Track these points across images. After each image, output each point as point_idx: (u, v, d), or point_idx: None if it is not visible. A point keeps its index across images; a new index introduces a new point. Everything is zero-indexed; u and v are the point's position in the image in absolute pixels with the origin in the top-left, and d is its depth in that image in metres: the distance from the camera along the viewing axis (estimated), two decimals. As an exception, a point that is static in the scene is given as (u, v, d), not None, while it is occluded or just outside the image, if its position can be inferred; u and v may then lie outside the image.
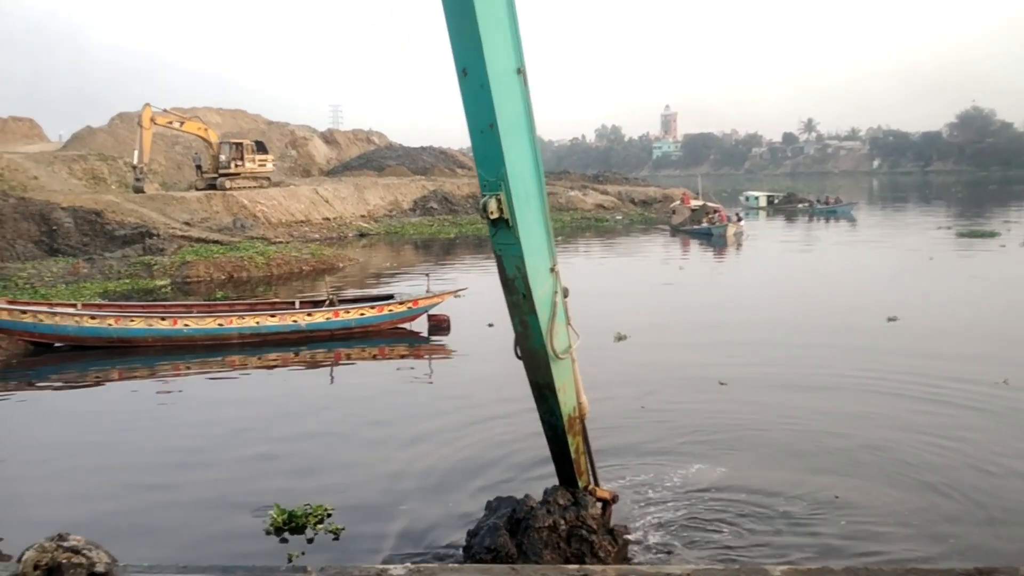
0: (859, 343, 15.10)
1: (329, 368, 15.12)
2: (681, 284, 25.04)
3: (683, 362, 14.23)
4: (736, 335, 16.18)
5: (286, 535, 7.47)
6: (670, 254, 35.25)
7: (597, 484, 6.79)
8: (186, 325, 16.30)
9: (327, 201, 47.08)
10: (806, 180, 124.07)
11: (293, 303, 18.08)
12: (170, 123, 44.52)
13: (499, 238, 5.64)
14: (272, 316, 16.79)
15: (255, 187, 44.28)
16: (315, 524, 7.58)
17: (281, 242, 35.01)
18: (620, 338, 15.76)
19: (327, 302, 17.56)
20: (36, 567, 3.95)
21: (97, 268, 26.69)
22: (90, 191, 42.61)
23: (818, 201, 60.17)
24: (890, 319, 16.83)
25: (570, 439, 6.20)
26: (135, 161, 42.79)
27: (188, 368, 15.04)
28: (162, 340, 16.17)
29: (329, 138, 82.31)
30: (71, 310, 16.80)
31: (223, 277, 26.45)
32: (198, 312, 17.08)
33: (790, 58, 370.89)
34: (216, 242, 32.45)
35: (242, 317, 16.68)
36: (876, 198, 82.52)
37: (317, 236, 40.32)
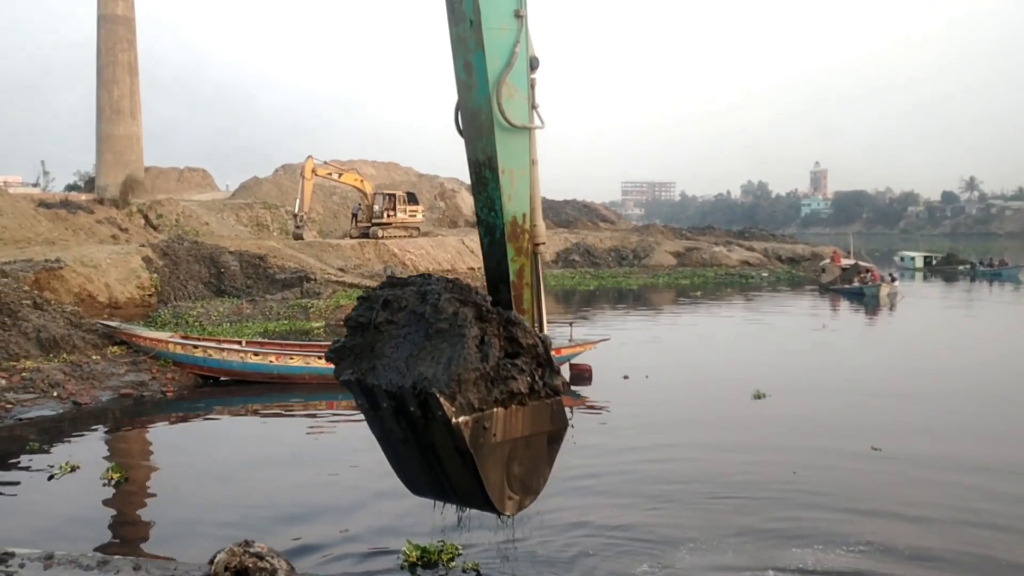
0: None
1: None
2: (827, 343, 24.33)
3: (829, 423, 13.84)
4: (889, 398, 15.61)
5: (419, 571, 7.65)
6: (818, 313, 34.24)
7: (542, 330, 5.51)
8: (340, 364, 17.10)
9: (472, 251, 48.37)
10: (967, 241, 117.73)
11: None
12: (329, 174, 47.03)
13: None
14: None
15: (405, 236, 46.04)
16: (448, 561, 7.73)
17: (428, 289, 36.13)
18: (759, 396, 15.49)
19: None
20: (227, 568, 4.39)
21: (259, 309, 28.34)
22: (254, 237, 45.44)
23: (981, 263, 56.97)
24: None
25: (511, 251, 4.87)
26: (296, 210, 45.38)
27: (340, 405, 15.80)
28: (318, 378, 17.03)
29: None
30: (236, 347, 17.97)
31: (373, 321, 27.48)
32: (351, 352, 17.89)
33: (948, 112, 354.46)
34: (368, 288, 33.84)
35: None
36: (1046, 261, 77.35)
37: (462, 285, 41.39)
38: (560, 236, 59.30)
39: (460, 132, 4.75)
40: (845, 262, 47.05)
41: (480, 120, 4.58)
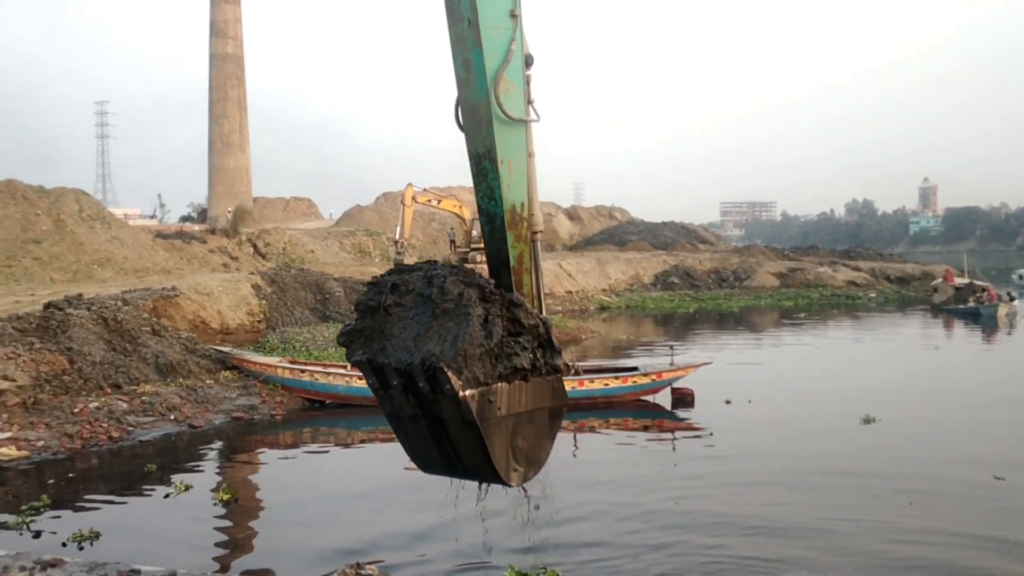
0: None
1: (573, 436, 15.49)
2: (941, 366, 23.33)
3: (946, 450, 13.25)
4: (1010, 425, 14.86)
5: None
6: (930, 334, 32.91)
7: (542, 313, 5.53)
8: (442, 389, 17.31)
9: (570, 275, 48.39)
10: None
11: (539, 372, 18.67)
12: (429, 201, 47.77)
13: None
14: (521, 383, 17.44)
15: (503, 261, 46.37)
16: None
17: (526, 313, 36.26)
18: (868, 421, 14.97)
19: (572, 371, 17.97)
20: (337, 588, 4.49)
21: (362, 334, 28.96)
22: (357, 263, 46.57)
23: (1109, 280, 53.88)
24: None
25: (511, 238, 4.99)
26: (397, 236, 46.18)
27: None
28: (420, 402, 17.26)
29: (573, 214, 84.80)
30: (342, 371, 18.40)
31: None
32: (454, 377, 18.09)
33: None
34: (466, 312, 34.23)
35: (493, 383, 17.46)
36: None
37: (560, 308, 41.43)
38: (658, 258, 58.78)
39: (460, 127, 4.96)
40: (959, 281, 45.11)
41: (479, 114, 4.80)
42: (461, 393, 4.06)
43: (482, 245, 38.80)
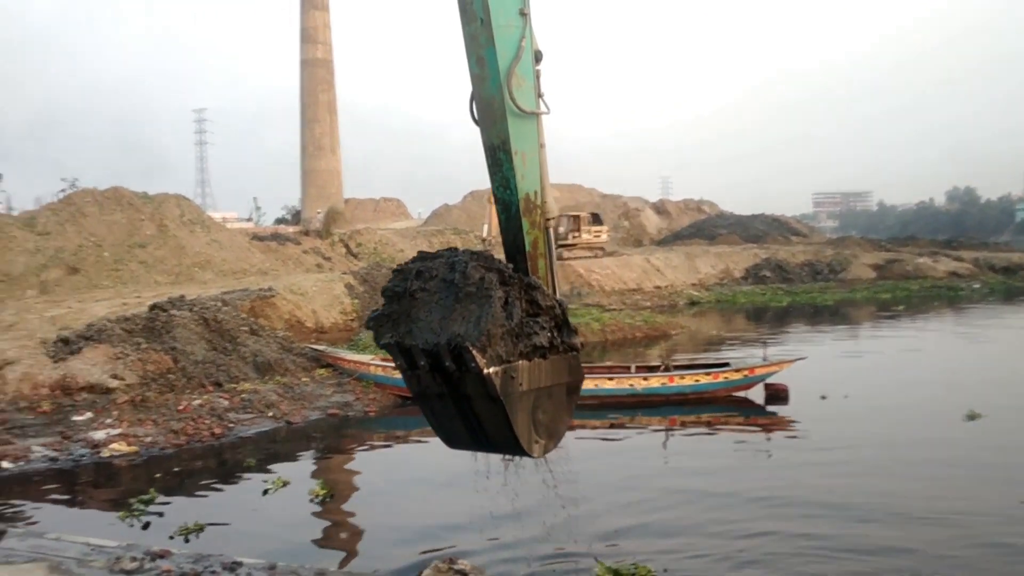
0: None
1: (664, 432, 15.35)
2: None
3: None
4: None
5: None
6: (1041, 327, 31.42)
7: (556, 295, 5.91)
8: (530, 385, 17.36)
9: (658, 270, 47.89)
10: None
11: (629, 367, 18.61)
12: (515, 198, 48.05)
13: None
14: (610, 379, 17.40)
15: (591, 257, 46.25)
16: (642, 582, 7.68)
17: (615, 309, 36.11)
18: (972, 417, 14.38)
19: (662, 367, 17.88)
20: (431, 583, 4.56)
21: (451, 331, 29.30)
22: (445, 262, 47.04)
23: None
24: None
25: (526, 224, 5.26)
26: (484, 234, 46.63)
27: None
28: (508, 398, 17.34)
29: (660, 208, 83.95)
30: (431, 368, 18.62)
31: (561, 342, 27.75)
32: (540, 373, 18.13)
33: None
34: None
35: (582, 379, 17.43)
36: None
37: (649, 304, 41.06)
38: (749, 252, 57.65)
39: (475, 120, 5.17)
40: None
41: (493, 108, 5.02)
42: (486, 370, 4.28)
43: (568, 241, 39.15)
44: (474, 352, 4.23)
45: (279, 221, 78.82)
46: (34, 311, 22.91)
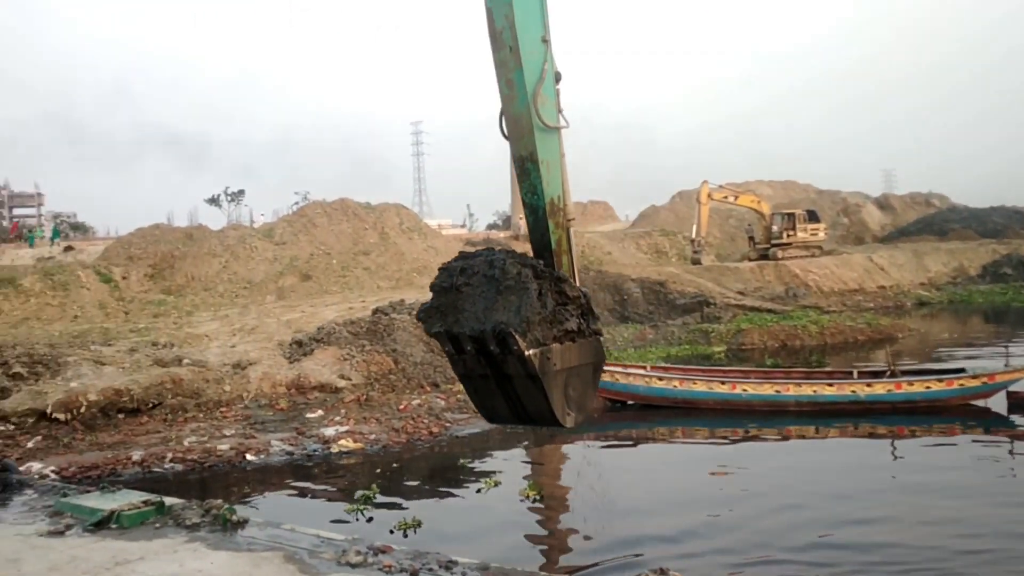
0: None
1: (890, 443, 14.40)
2: None
3: None
4: None
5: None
6: None
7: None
8: (744, 390, 16.86)
9: (882, 269, 45.03)
10: None
11: (851, 373, 17.61)
12: (725, 198, 46.78)
13: None
14: (830, 385, 16.54)
15: (807, 256, 44.23)
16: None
17: (834, 311, 34.36)
18: None
19: (888, 373, 16.78)
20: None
21: (660, 334, 28.99)
22: (653, 264, 46.60)
23: None
24: None
25: (551, 225, 5.83)
26: (693, 235, 45.73)
27: (746, 432, 15.51)
28: (721, 403, 16.92)
29: (883, 203, 78.97)
30: (641, 372, 18.50)
31: (776, 345, 26.79)
32: (755, 378, 17.57)
33: None
34: (769, 311, 33.06)
35: (799, 385, 16.73)
36: None
37: (871, 305, 38.71)
38: (986, 247, 53.01)
39: (504, 135, 5.77)
40: None
41: (521, 123, 5.63)
42: (526, 352, 4.90)
43: (782, 240, 37.86)
44: (516, 336, 4.84)
45: (491, 227, 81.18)
46: (272, 315, 24.92)
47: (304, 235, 37.84)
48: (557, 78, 5.89)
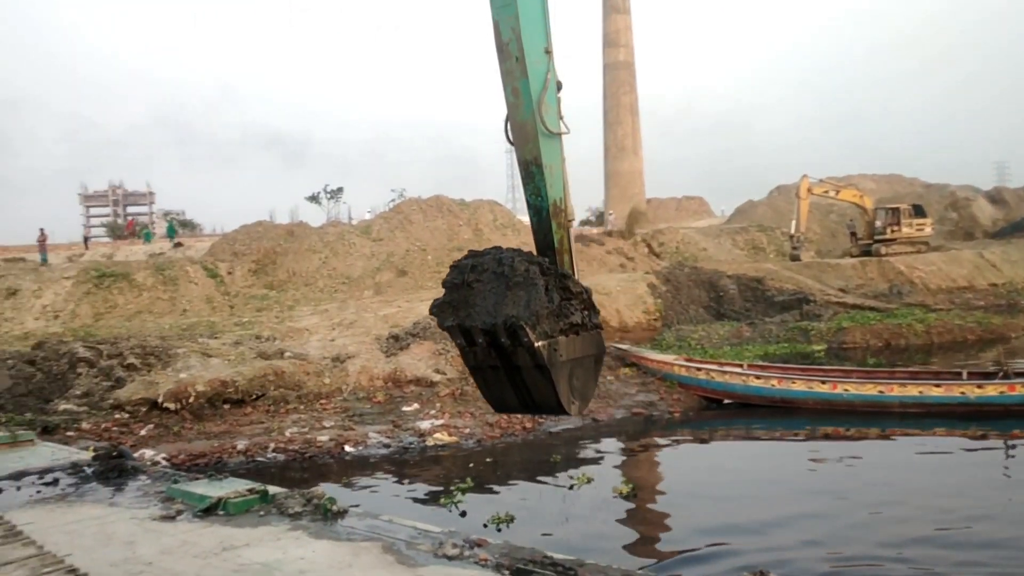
0: None
1: (1003, 449, 13.78)
2: None
3: None
4: None
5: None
6: None
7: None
8: (846, 390, 16.39)
9: (994, 265, 43.02)
10: None
11: (959, 373, 16.91)
12: (825, 192, 45.46)
13: (496, 2, 5.84)
14: (937, 386, 15.92)
15: (912, 252, 42.63)
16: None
17: (941, 309, 33.01)
18: None
19: (1000, 374, 16.05)
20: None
21: (758, 332, 28.36)
22: (750, 260, 45.66)
23: None
24: None
25: (554, 226, 6.10)
26: (792, 231, 44.58)
27: (848, 432, 15.07)
28: (821, 403, 16.49)
29: (996, 197, 75.38)
30: (738, 370, 18.18)
31: (879, 344, 25.92)
32: (857, 378, 17.05)
33: None
34: (872, 308, 31.98)
35: (904, 385, 16.15)
36: None
37: (982, 303, 37.04)
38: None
39: (509, 140, 6.04)
40: None
41: (527, 130, 5.92)
42: (536, 344, 5.18)
43: (886, 236, 36.87)
44: (527, 329, 5.12)
45: (584, 223, 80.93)
46: (370, 310, 25.44)
47: (400, 231, 38.48)
48: (559, 87, 6.20)
